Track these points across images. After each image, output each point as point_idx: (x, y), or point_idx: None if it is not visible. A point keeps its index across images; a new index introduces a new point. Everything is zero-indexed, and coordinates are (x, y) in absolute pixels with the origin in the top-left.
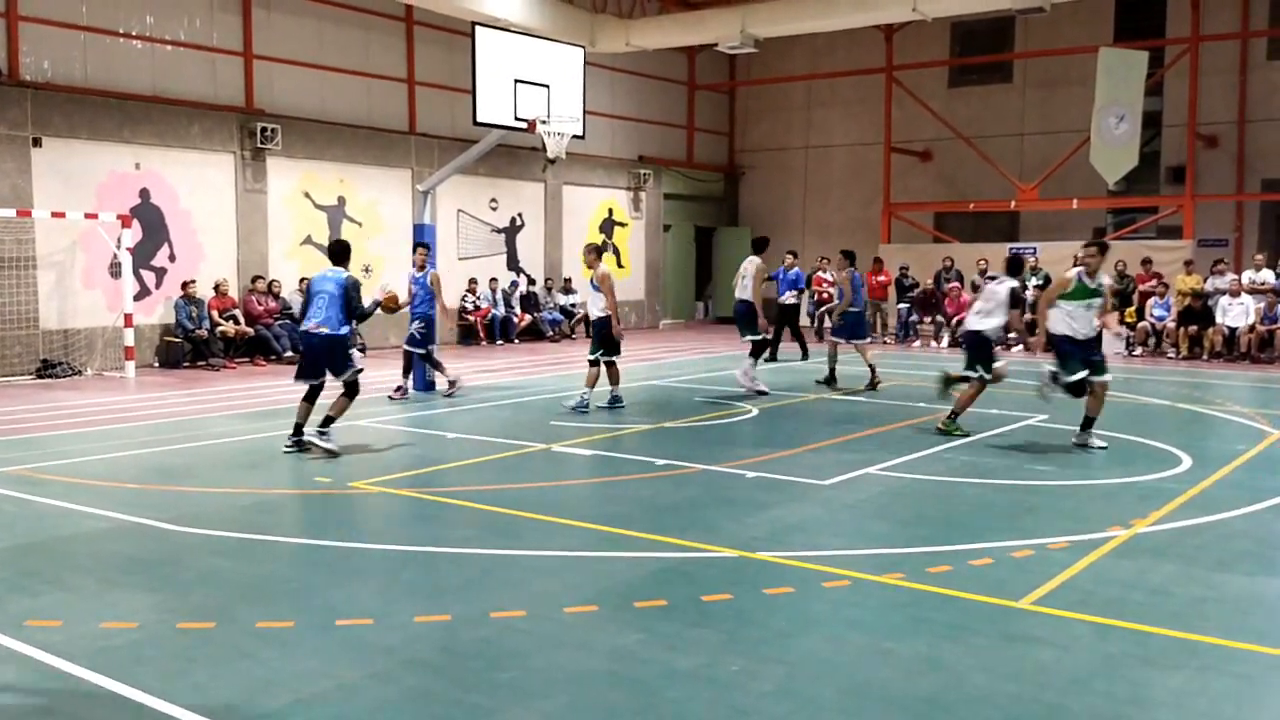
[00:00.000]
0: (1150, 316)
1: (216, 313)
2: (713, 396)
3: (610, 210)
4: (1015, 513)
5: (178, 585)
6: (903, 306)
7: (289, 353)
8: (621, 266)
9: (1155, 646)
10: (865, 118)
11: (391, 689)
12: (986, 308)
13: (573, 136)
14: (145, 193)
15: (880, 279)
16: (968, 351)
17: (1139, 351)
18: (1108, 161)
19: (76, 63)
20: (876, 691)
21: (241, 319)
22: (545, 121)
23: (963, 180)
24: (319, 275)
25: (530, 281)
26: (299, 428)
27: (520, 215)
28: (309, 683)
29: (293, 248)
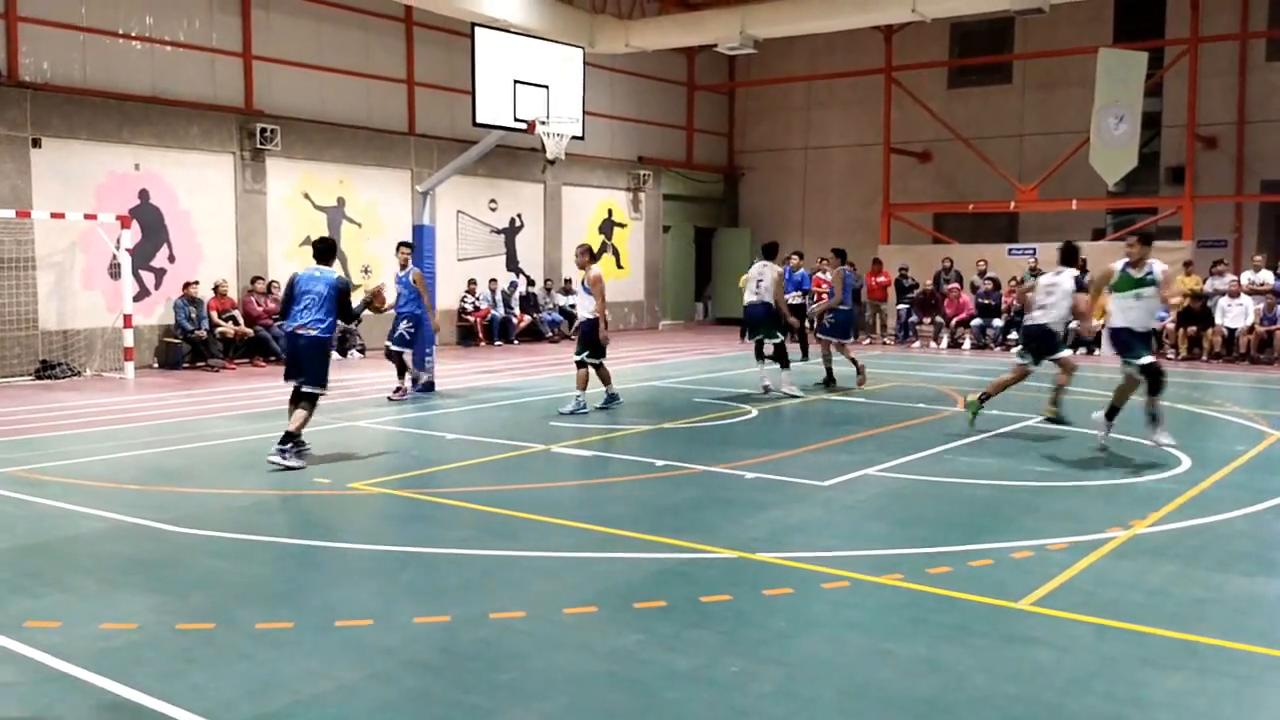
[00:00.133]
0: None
1: (216, 313)
2: (712, 397)
3: (610, 211)
4: (1014, 513)
5: (177, 586)
6: (902, 307)
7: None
8: (621, 267)
9: (1154, 647)
10: (865, 118)
11: (391, 690)
12: (1049, 301)
13: (572, 137)
14: (144, 193)
15: (880, 280)
16: (1029, 343)
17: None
18: (1107, 162)
19: (76, 63)
20: (876, 692)
21: (241, 320)
22: (545, 122)
23: (962, 181)
24: (305, 274)
25: (530, 282)
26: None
27: (520, 216)
28: (308, 684)
29: (292, 248)
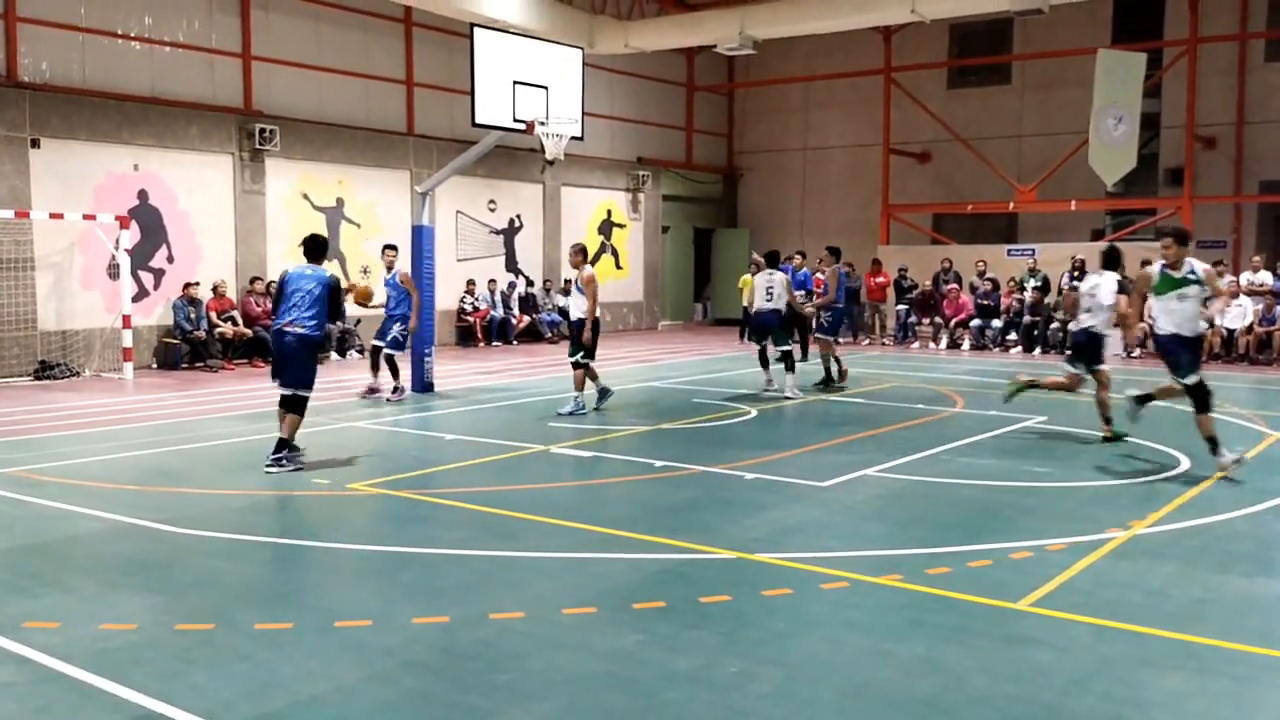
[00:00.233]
0: (1149, 318)
1: (214, 314)
2: (711, 398)
3: (609, 211)
4: (1014, 514)
5: (176, 587)
6: (901, 308)
7: None
8: (620, 268)
9: (1153, 648)
10: (864, 119)
11: (390, 690)
12: (1094, 304)
13: (571, 138)
14: (143, 194)
15: (879, 280)
16: (1077, 350)
17: (1137, 353)
18: (1106, 163)
19: (75, 64)
20: (875, 693)
21: (239, 320)
22: (544, 123)
23: (961, 182)
24: (296, 272)
25: (529, 283)
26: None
27: (519, 216)
28: (307, 684)
29: (291, 249)
